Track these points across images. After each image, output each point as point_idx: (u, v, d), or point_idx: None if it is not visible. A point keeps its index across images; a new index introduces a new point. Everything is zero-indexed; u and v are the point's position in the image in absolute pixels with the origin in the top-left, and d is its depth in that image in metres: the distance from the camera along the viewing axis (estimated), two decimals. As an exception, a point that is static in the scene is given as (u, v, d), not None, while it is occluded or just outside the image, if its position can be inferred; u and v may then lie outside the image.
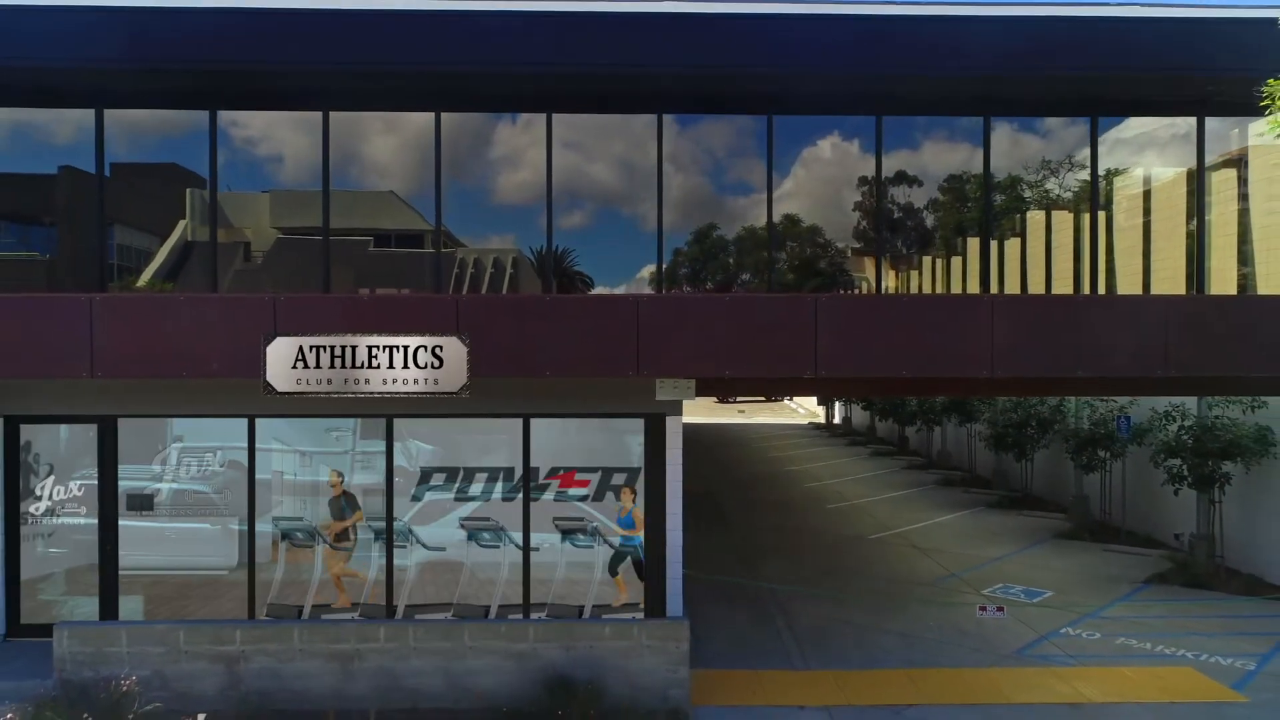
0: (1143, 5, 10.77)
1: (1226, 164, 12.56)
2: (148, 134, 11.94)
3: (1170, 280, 12.36)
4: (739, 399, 53.61)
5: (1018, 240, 12.74)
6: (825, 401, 45.03)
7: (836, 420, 44.96)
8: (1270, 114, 7.74)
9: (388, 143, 12.39)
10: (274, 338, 10.33)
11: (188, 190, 12.30)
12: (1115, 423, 19.08)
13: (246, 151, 11.85)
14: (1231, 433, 15.72)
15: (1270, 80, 7.55)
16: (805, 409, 52.33)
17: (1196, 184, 11.47)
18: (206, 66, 10.76)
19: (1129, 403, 19.38)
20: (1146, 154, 12.41)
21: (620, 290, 11.98)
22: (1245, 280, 12.50)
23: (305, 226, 12.35)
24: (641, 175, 11.49)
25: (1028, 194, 12.67)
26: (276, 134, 12.13)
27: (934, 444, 32.39)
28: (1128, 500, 19.75)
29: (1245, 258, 12.36)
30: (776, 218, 11.79)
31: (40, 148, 12.14)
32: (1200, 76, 10.44)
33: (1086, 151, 11.92)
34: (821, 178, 12.23)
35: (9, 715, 9.21)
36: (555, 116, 11.50)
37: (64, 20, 10.40)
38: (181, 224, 12.37)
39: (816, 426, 45.35)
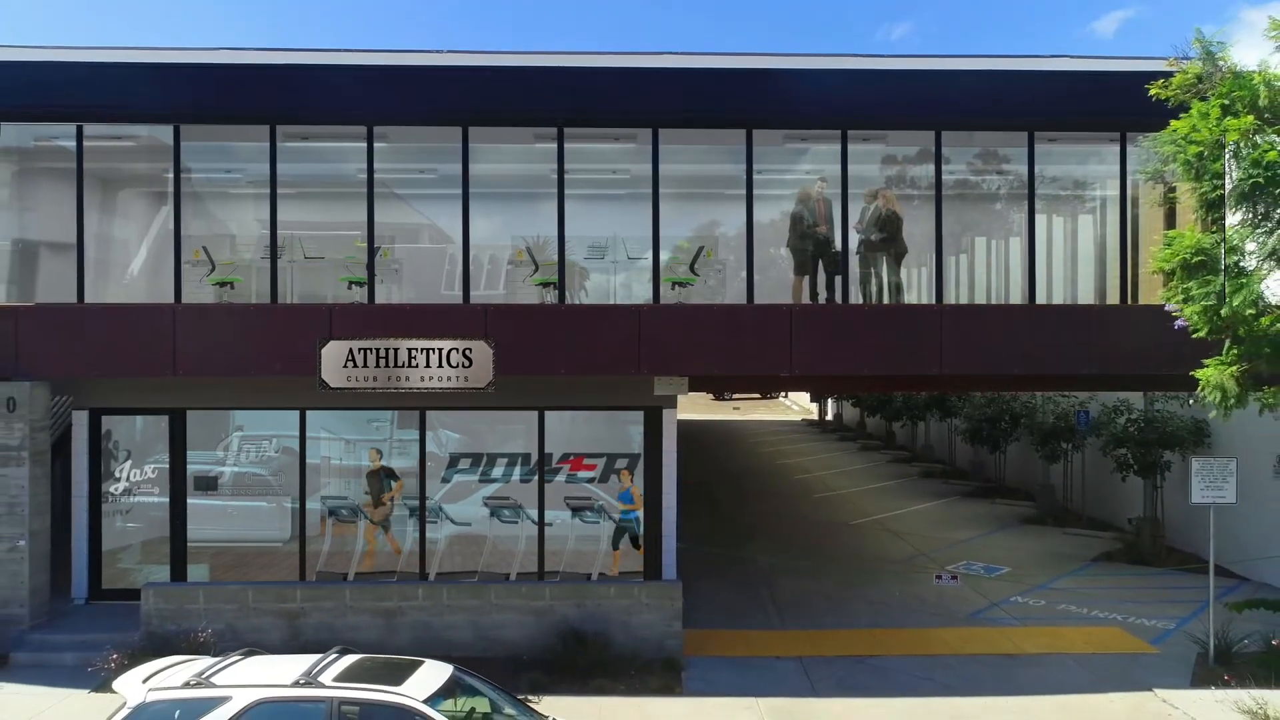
0: (1072, 58, 12.57)
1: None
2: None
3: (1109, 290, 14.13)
4: (734, 396, 54.91)
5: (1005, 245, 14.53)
6: (818, 398, 46.64)
7: (829, 417, 46.62)
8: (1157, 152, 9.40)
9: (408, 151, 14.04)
10: (328, 341, 12.16)
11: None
12: (1075, 417, 20.86)
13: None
14: (1170, 425, 17.53)
15: (1158, 134, 9.26)
16: (799, 406, 53.87)
17: (1121, 204, 13.23)
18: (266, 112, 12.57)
19: (1089, 398, 21.13)
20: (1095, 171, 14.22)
21: (623, 290, 13.77)
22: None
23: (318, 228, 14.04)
24: (645, 184, 13.11)
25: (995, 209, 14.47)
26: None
27: (918, 439, 34.13)
28: (1087, 488, 21.54)
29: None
30: (775, 220, 13.55)
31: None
32: (1115, 119, 12.31)
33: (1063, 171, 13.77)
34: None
35: (114, 656, 11.00)
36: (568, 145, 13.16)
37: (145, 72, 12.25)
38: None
39: (809, 423, 47.02)
